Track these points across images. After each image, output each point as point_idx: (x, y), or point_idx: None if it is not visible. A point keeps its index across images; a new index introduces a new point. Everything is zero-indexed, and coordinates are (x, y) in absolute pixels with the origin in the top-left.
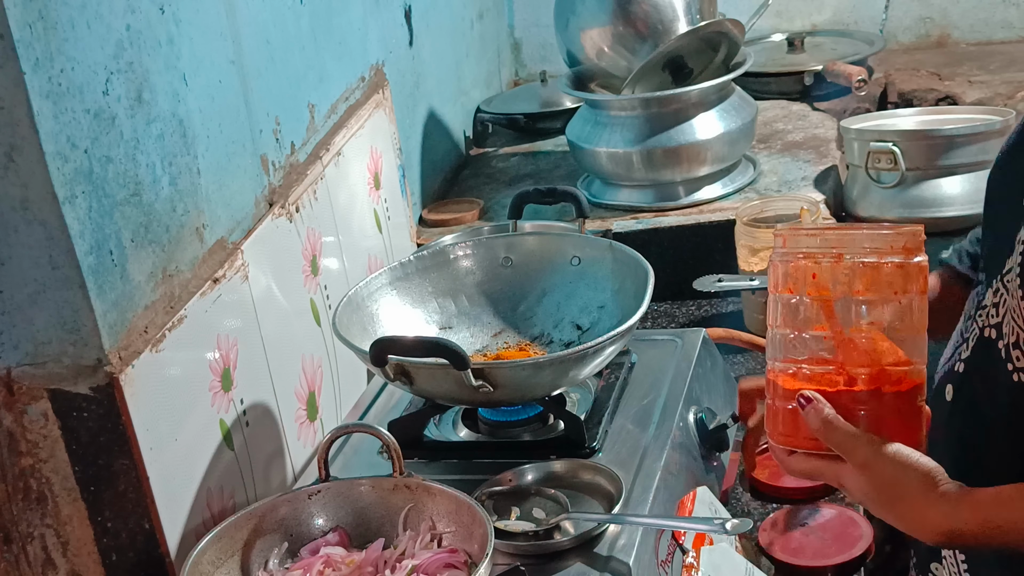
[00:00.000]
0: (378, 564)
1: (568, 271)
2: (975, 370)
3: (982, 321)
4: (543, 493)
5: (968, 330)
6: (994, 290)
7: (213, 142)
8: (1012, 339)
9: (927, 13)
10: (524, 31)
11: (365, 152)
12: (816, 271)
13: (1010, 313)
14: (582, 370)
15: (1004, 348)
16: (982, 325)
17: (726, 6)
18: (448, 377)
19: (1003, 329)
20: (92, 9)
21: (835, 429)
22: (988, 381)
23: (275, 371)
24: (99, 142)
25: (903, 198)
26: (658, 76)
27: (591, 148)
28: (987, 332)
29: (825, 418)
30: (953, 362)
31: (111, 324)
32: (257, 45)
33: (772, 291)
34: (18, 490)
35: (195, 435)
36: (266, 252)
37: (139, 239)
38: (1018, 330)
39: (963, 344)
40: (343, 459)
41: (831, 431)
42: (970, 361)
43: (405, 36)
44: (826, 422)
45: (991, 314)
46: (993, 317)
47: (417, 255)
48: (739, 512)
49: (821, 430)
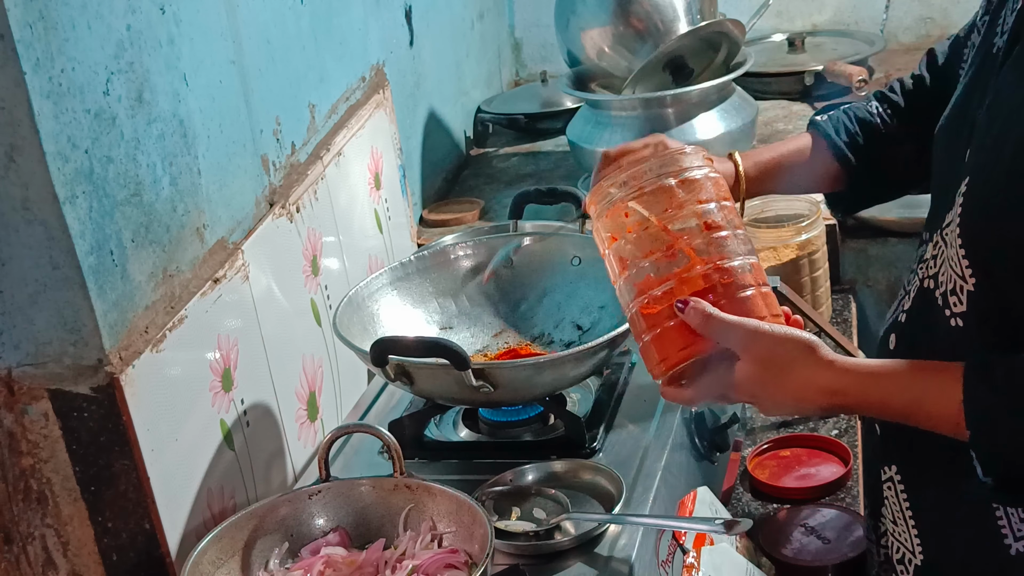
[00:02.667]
0: (378, 564)
1: (568, 271)
2: (916, 319)
3: (921, 273)
4: (543, 493)
5: (910, 283)
6: (933, 243)
7: (214, 142)
8: (949, 286)
9: (927, 13)
10: (524, 31)
11: (366, 152)
12: (628, 211)
13: (947, 263)
14: (583, 370)
15: (941, 296)
16: (921, 277)
17: (726, 6)
18: (449, 377)
19: (939, 278)
20: (93, 9)
21: (715, 319)
22: (928, 329)
23: (276, 371)
24: (100, 142)
25: (903, 198)
26: (659, 76)
27: (592, 148)
28: (926, 283)
29: (704, 312)
30: (896, 314)
31: (112, 324)
32: (258, 45)
33: (603, 254)
34: (18, 490)
35: (195, 435)
36: (267, 252)
37: (140, 239)
38: (955, 277)
39: (905, 296)
40: (343, 459)
41: (713, 323)
42: (911, 311)
43: (406, 36)
44: (706, 316)
45: (929, 266)
46: (931, 268)
47: (417, 255)
48: (739, 512)
49: (703, 324)
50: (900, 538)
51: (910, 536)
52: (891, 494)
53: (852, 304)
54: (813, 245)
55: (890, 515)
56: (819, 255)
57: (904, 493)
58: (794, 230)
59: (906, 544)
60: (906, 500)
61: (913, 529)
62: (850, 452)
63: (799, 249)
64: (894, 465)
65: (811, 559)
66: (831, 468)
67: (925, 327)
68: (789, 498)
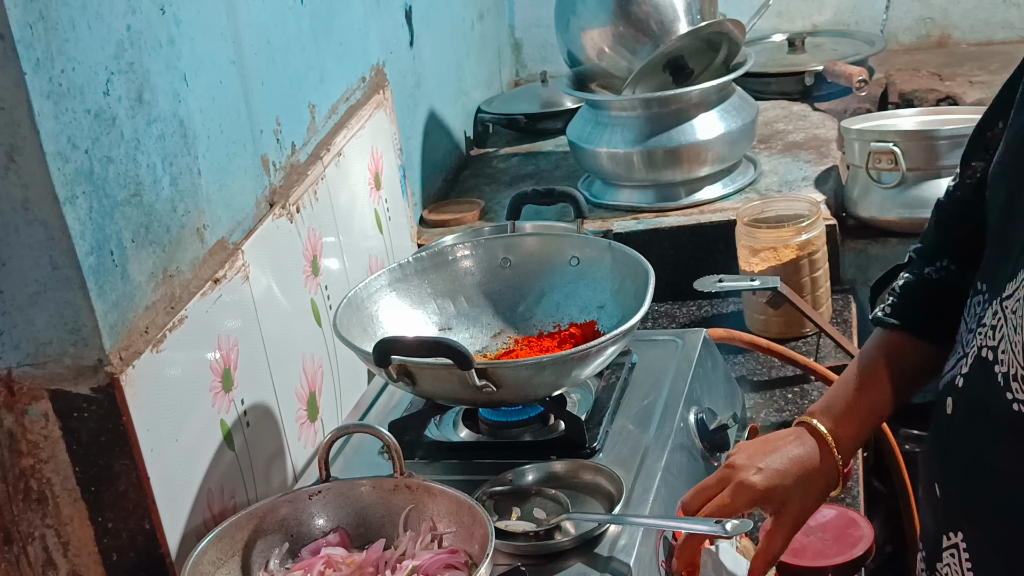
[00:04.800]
0: (379, 565)
1: (567, 271)
2: (973, 388)
3: (980, 339)
4: (544, 493)
5: (968, 344)
6: (993, 311)
7: (214, 142)
8: (1012, 370)
9: (928, 13)
10: (525, 31)
11: (366, 152)
12: None
13: (1009, 343)
14: (583, 370)
15: (1002, 376)
16: (980, 344)
17: (726, 6)
18: (451, 377)
19: (998, 355)
20: (93, 9)
21: None
22: (986, 404)
23: (276, 371)
24: (100, 142)
25: (904, 198)
26: (659, 76)
27: (592, 148)
28: (984, 352)
29: None
30: (954, 375)
31: (112, 324)
32: (258, 45)
33: None
34: (19, 490)
35: (196, 435)
36: (267, 252)
37: (140, 239)
38: (1017, 364)
39: (963, 358)
40: (344, 459)
41: None
42: (968, 378)
43: (406, 36)
44: None
45: (988, 335)
46: (991, 339)
47: (416, 256)
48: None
49: None
50: None
51: None
52: (953, 561)
53: (852, 304)
54: (813, 245)
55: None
56: (819, 255)
57: (969, 562)
58: (794, 230)
59: None
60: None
61: None
62: None
63: (799, 249)
64: (960, 532)
65: (811, 560)
66: None
67: (982, 401)
68: None
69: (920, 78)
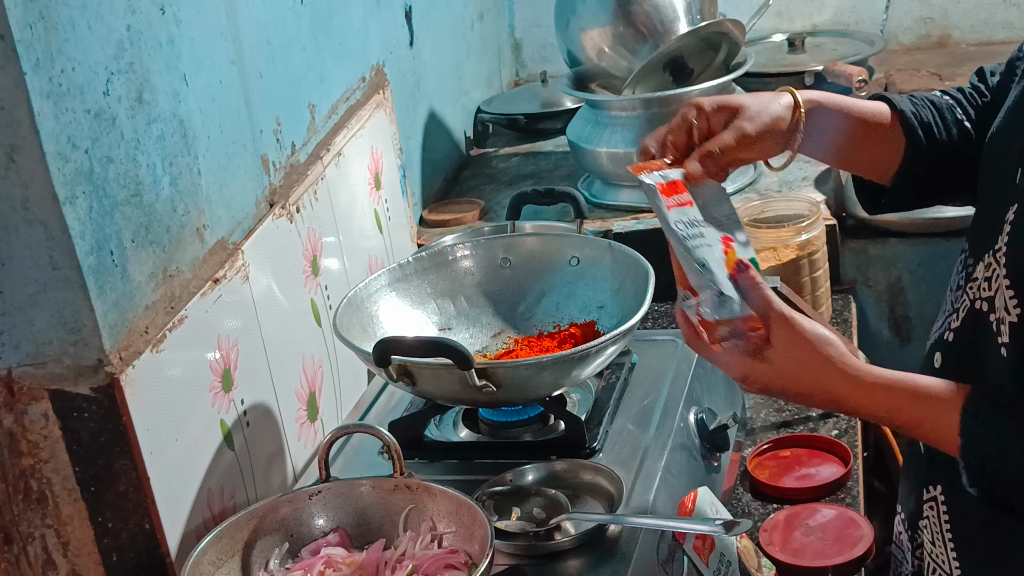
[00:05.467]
0: (379, 565)
1: (567, 271)
2: (965, 340)
3: (973, 293)
4: (543, 493)
5: (958, 301)
6: (986, 264)
7: (214, 142)
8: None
9: (927, 13)
10: (524, 31)
11: (366, 152)
12: None
13: (1002, 289)
14: (583, 370)
15: (996, 322)
16: (973, 297)
17: (726, 6)
18: (451, 377)
19: (995, 303)
20: (93, 9)
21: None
22: (977, 353)
23: (276, 371)
24: (100, 142)
25: None
26: (659, 76)
27: (592, 148)
28: (978, 304)
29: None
30: (942, 331)
31: (111, 324)
32: (258, 45)
33: None
34: (19, 490)
35: (196, 435)
36: (267, 252)
37: (140, 239)
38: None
39: (953, 315)
40: (344, 459)
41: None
42: (959, 332)
43: (406, 36)
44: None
45: (982, 287)
46: (985, 290)
47: (416, 256)
48: (739, 512)
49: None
50: (937, 559)
51: (948, 559)
52: (932, 514)
53: (852, 304)
54: (813, 245)
55: (928, 535)
56: (819, 255)
57: (947, 515)
58: (794, 230)
59: (943, 566)
60: (947, 523)
61: (952, 552)
62: (850, 452)
63: (799, 249)
64: (939, 486)
65: (811, 560)
66: (831, 468)
67: (974, 351)
68: (789, 498)
69: (920, 78)
